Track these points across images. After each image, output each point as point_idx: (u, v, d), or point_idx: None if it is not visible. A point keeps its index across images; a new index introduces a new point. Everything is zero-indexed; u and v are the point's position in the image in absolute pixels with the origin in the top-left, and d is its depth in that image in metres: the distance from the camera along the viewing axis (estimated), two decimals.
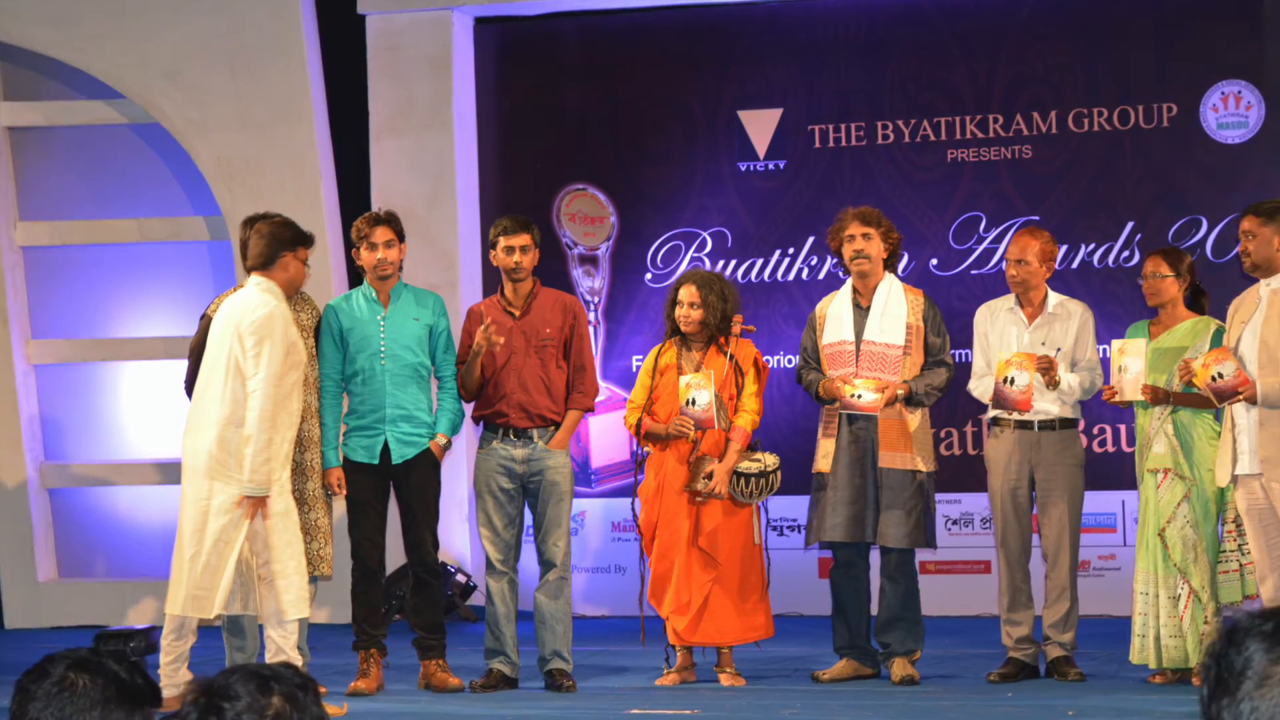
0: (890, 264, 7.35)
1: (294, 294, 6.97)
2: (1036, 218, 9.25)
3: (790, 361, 9.45)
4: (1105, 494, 8.92)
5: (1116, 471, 8.87)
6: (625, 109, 10.06)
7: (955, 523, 9.43)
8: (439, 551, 7.40)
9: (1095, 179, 9.40)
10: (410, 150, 10.05)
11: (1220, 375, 6.66)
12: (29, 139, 10.46)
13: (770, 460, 7.21)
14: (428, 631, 7.26)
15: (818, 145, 9.76)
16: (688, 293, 7.25)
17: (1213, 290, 7.35)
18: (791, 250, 9.75)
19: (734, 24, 9.90)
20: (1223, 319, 6.96)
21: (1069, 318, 7.27)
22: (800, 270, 9.73)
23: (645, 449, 7.40)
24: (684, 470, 7.23)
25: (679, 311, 7.26)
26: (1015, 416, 7.19)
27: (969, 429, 9.39)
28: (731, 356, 7.26)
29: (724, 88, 9.89)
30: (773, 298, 9.73)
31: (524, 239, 7.23)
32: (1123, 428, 9.12)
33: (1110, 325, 8.32)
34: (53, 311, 10.51)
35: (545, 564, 7.23)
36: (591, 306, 9.95)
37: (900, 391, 7.13)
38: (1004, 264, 7.54)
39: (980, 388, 7.34)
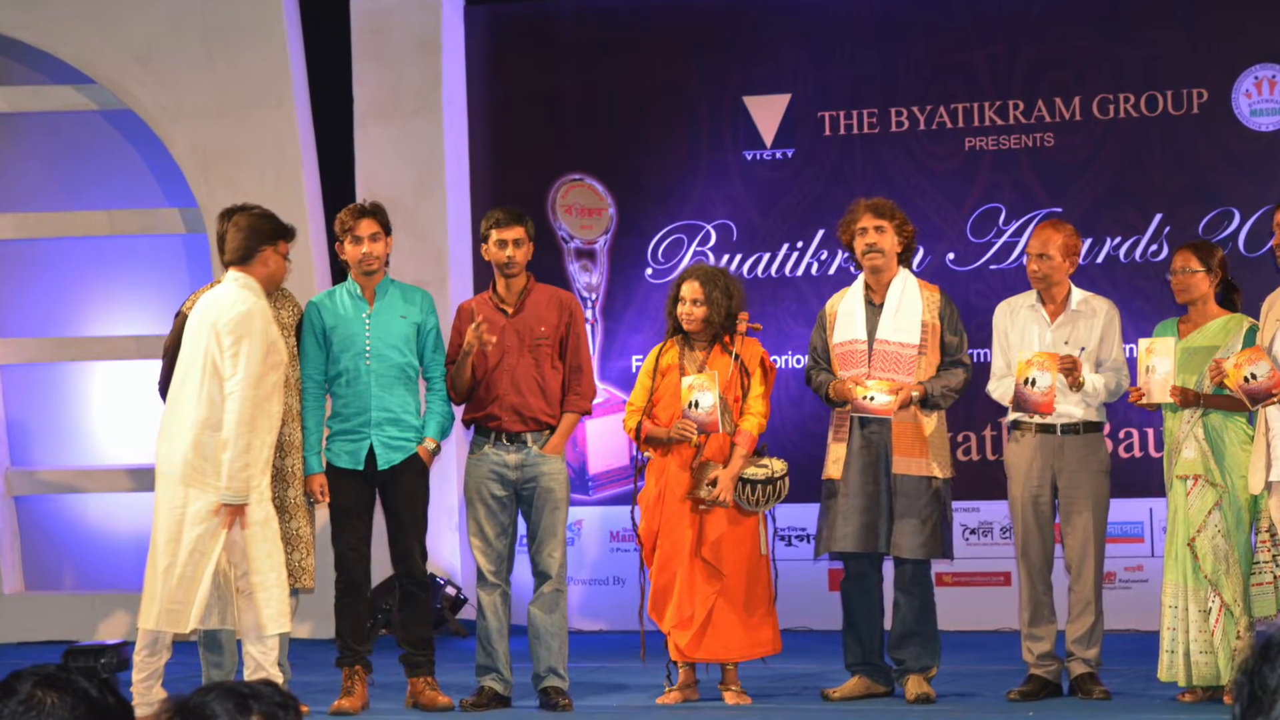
0: (904, 258, 7.35)
1: (274, 290, 6.97)
2: (1059, 210, 9.26)
3: (799, 361, 9.46)
4: (1132, 502, 8.92)
5: (1144, 478, 8.87)
6: (624, 95, 10.07)
7: (973, 532, 9.43)
8: (427, 562, 7.40)
9: (1121, 169, 9.40)
10: (397, 138, 10.06)
11: (1253, 376, 6.66)
12: None
13: (778, 466, 7.21)
14: (415, 647, 7.26)
15: (828, 133, 9.77)
16: (690, 289, 7.25)
17: (1246, 286, 7.35)
18: (800, 244, 9.76)
19: (740, 4, 9.91)
20: (1256, 316, 6.97)
21: (1093, 315, 7.28)
22: (809, 265, 9.74)
23: (645, 454, 7.40)
24: (686, 477, 7.23)
25: (681, 309, 7.26)
26: (1037, 420, 7.19)
27: (988, 433, 9.39)
28: (737, 356, 7.26)
29: (729, 72, 9.90)
30: (780, 294, 9.74)
31: (517, 232, 7.23)
32: (1150, 431, 9.12)
33: (1137, 323, 8.32)
34: (19, 309, 10.52)
35: (540, 576, 7.23)
36: (589, 304, 9.95)
37: (915, 393, 7.13)
38: (1025, 259, 7.55)
39: (1000, 389, 7.35)
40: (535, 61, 10.18)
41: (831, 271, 9.65)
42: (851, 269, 7.76)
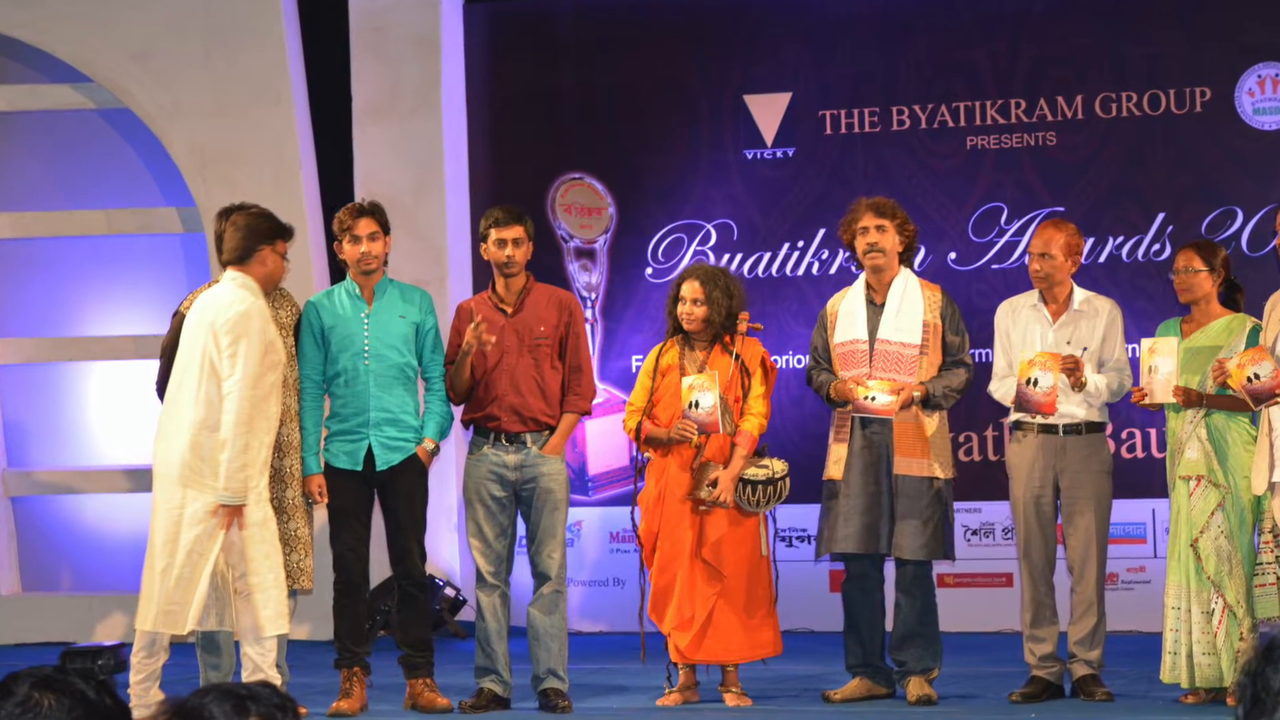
0: (906, 258, 7.35)
1: (272, 290, 6.97)
2: (1061, 209, 9.25)
3: (800, 362, 9.46)
4: (1134, 502, 8.92)
5: (1146, 478, 8.87)
6: (624, 93, 10.06)
7: (975, 533, 9.43)
8: (426, 563, 7.40)
9: (1124, 168, 9.40)
10: (396, 137, 10.05)
11: (1257, 376, 6.66)
12: None
13: (778, 467, 7.21)
14: (414, 648, 7.26)
15: (829, 131, 9.77)
16: (691, 288, 7.25)
17: (1249, 286, 7.35)
18: (801, 243, 9.75)
19: (740, 2, 9.90)
20: (1259, 316, 6.97)
21: (1096, 315, 7.27)
22: (810, 264, 9.74)
23: (645, 455, 7.40)
24: (686, 477, 7.23)
25: (681, 309, 7.26)
26: (1039, 420, 7.19)
27: (989, 433, 9.39)
28: (737, 356, 7.26)
29: (729, 70, 9.90)
30: (781, 294, 9.73)
31: (517, 231, 7.23)
32: (1153, 432, 9.12)
33: (1140, 323, 8.32)
34: (16, 308, 10.51)
35: (539, 577, 7.23)
36: (588, 303, 9.95)
37: (916, 394, 7.13)
38: (1026, 258, 7.54)
39: (1001, 389, 7.35)
40: (535, 60, 10.18)
41: (832, 271, 9.65)
42: (853, 268, 7.75)
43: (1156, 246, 9.29)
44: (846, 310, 7.32)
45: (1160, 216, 9.31)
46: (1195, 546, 6.88)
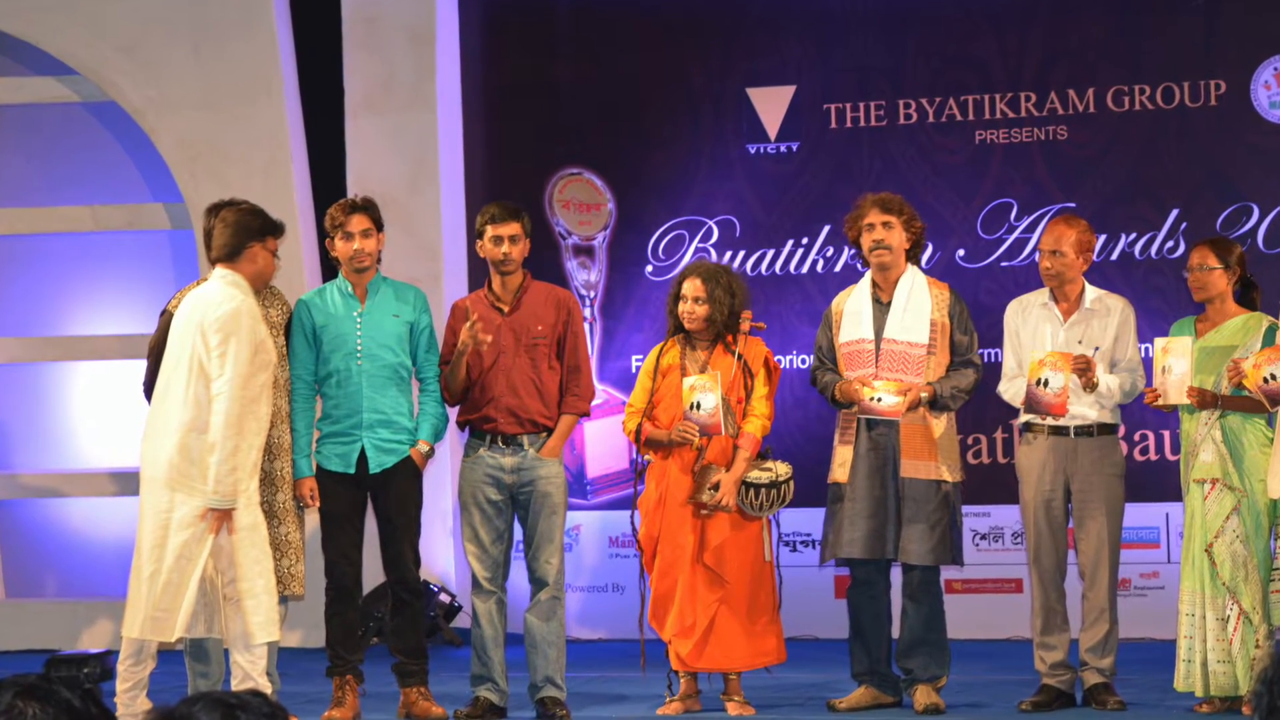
0: (913, 255, 7.35)
1: (263, 288, 6.97)
2: (1073, 205, 9.26)
3: (804, 362, 9.46)
4: (1148, 506, 8.93)
5: (1160, 481, 8.88)
6: (624, 86, 10.06)
7: (984, 537, 9.43)
8: (421, 569, 7.40)
9: (1137, 163, 9.40)
10: (389, 131, 10.05)
11: (1273, 376, 6.66)
12: None
13: (782, 469, 7.21)
14: (408, 656, 7.26)
15: (834, 126, 9.77)
16: (692, 287, 7.25)
17: (1265, 284, 7.35)
18: (805, 240, 9.76)
19: None
20: (1275, 315, 6.97)
21: (1108, 314, 7.28)
22: (815, 262, 9.74)
23: (646, 457, 7.40)
24: (688, 480, 7.23)
25: (682, 307, 7.26)
26: (1049, 422, 7.19)
27: (999, 435, 9.39)
28: (740, 356, 7.26)
29: (732, 63, 9.90)
30: (785, 292, 9.73)
31: (513, 228, 7.23)
32: (1167, 434, 9.13)
33: (1153, 322, 8.32)
34: None
35: (536, 583, 7.24)
36: (587, 302, 9.95)
37: (924, 394, 7.13)
38: (1037, 255, 7.55)
39: (1011, 390, 7.35)
40: (531, 52, 10.17)
41: (837, 269, 9.65)
42: (858, 266, 7.74)
43: (1170, 243, 9.30)
44: (852, 309, 7.32)
45: (1174, 213, 9.31)
46: (1210, 551, 6.89)
